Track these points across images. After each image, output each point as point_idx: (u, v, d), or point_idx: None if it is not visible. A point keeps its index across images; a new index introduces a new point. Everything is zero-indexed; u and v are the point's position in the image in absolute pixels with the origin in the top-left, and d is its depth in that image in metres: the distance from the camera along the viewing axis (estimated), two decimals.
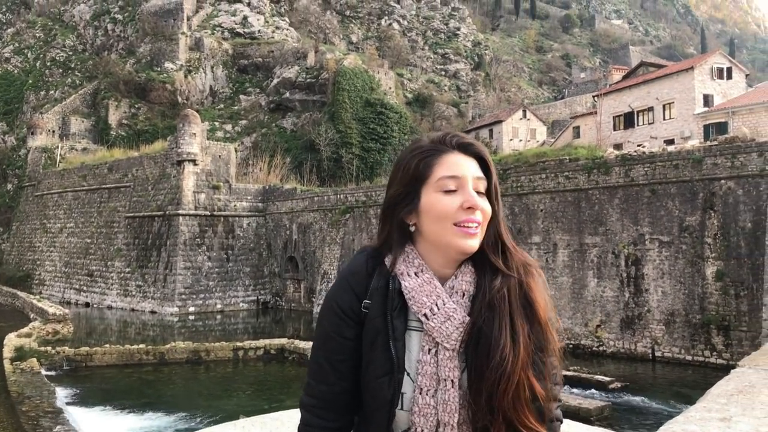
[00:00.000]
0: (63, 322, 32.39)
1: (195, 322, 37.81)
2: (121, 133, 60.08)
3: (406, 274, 1.80)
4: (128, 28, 72.62)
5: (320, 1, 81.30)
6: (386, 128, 57.13)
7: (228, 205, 43.40)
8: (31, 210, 55.34)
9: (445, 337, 1.74)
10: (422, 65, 79.48)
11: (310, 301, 40.32)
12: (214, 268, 41.89)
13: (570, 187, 27.09)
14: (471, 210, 1.75)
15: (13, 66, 74.08)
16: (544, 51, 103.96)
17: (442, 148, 1.83)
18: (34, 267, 51.92)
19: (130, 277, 43.15)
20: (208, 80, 64.71)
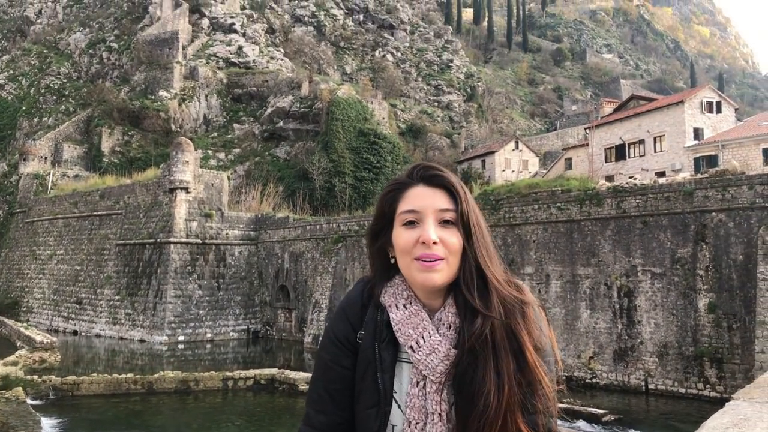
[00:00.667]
0: (50, 351, 31.91)
1: (184, 351, 37.36)
2: (113, 161, 60.06)
3: (394, 306, 1.81)
4: (123, 56, 73.12)
5: (315, 32, 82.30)
6: (379, 158, 57.41)
7: (220, 233, 43.25)
8: (21, 236, 54.95)
9: (431, 369, 1.73)
10: (415, 96, 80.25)
11: (301, 331, 39.97)
12: (205, 296, 41.56)
13: (562, 218, 27.20)
14: (426, 245, 1.74)
15: (7, 93, 74.26)
16: (536, 83, 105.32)
17: (408, 182, 1.83)
18: (22, 294, 51.35)
19: (119, 305, 42.72)
20: (202, 109, 65.01)
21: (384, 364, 1.78)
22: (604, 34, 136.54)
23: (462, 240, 1.77)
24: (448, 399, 1.72)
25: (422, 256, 1.74)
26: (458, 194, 1.79)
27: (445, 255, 1.75)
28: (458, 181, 1.82)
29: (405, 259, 1.78)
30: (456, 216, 1.77)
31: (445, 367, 1.72)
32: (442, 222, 1.77)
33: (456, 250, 1.76)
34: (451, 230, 1.77)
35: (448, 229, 1.77)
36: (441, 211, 1.77)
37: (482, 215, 1.85)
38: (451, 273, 1.76)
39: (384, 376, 1.77)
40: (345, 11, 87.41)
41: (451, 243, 1.75)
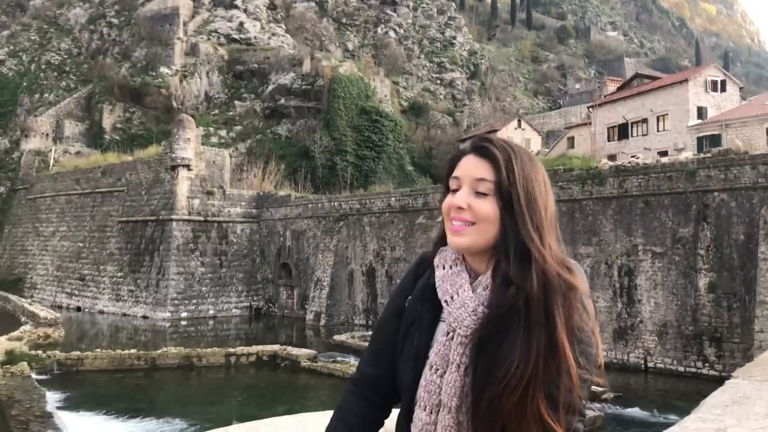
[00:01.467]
0: (54, 326, 32.16)
1: (187, 327, 37.64)
2: (115, 138, 59.95)
3: (441, 267, 1.92)
4: (124, 32, 72.57)
5: (317, 8, 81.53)
6: (381, 136, 57.22)
7: (222, 210, 43.31)
8: (24, 213, 55.07)
9: (459, 322, 1.80)
10: (418, 74, 79.75)
11: (303, 308, 40.22)
12: (207, 273, 41.75)
13: (564, 198, 27.18)
14: (455, 208, 1.83)
15: (7, 69, 73.80)
16: (539, 61, 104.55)
17: (464, 151, 1.93)
18: (25, 270, 51.62)
19: (122, 282, 42.96)
20: (204, 86, 64.70)
21: (423, 323, 1.91)
22: (608, 11, 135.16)
23: (498, 210, 1.79)
24: (470, 355, 1.79)
25: (452, 218, 1.84)
26: (499, 166, 1.81)
27: (474, 219, 1.80)
28: (508, 155, 1.84)
29: (446, 223, 1.89)
30: (492, 186, 1.81)
31: (472, 321, 1.78)
32: (477, 191, 1.82)
33: (487, 218, 1.80)
34: (486, 200, 1.81)
35: (482, 198, 1.81)
36: (476, 181, 1.82)
37: (543, 191, 1.86)
38: (481, 239, 1.81)
39: (421, 333, 1.90)
40: None
41: (479, 210, 1.80)
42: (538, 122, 70.46)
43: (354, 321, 37.06)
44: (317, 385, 22.49)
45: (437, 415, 1.81)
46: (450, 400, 1.78)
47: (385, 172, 56.20)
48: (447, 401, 1.78)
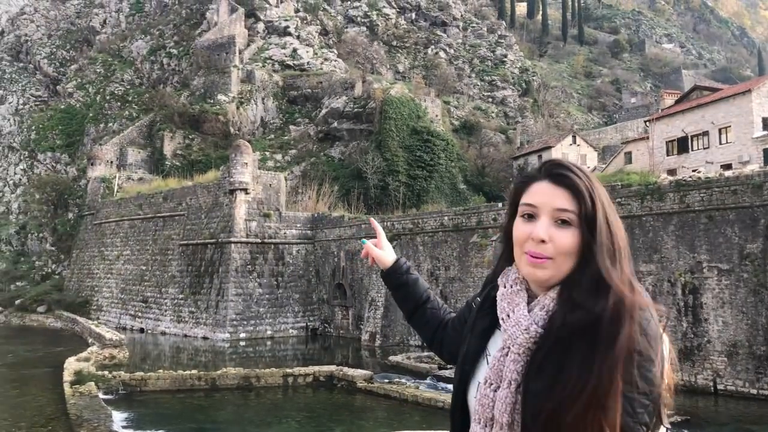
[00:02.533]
0: (119, 348, 33.21)
1: (246, 348, 38.24)
2: (175, 163, 61.91)
3: (502, 285, 1.98)
4: (183, 62, 75.27)
5: (367, 32, 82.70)
6: (433, 155, 57.26)
7: (278, 232, 44.06)
8: (90, 238, 57.30)
9: (512, 340, 1.84)
10: (469, 92, 79.67)
11: (358, 328, 40.33)
12: (265, 294, 42.43)
13: (623, 214, 26.54)
14: (535, 242, 1.81)
15: (75, 100, 77.59)
16: (593, 76, 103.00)
17: (536, 176, 1.91)
18: (92, 293, 53.57)
19: (183, 304, 44.06)
20: (259, 111, 66.29)
21: (475, 330, 2.03)
22: (663, 23, 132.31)
23: (579, 241, 1.78)
24: (523, 372, 1.80)
25: (530, 252, 1.82)
26: (582, 196, 1.79)
27: (554, 255, 1.79)
28: (587, 182, 1.82)
29: (517, 250, 1.89)
30: (575, 217, 1.79)
31: (525, 339, 1.80)
32: (558, 221, 1.80)
33: (567, 251, 1.79)
34: (567, 231, 1.79)
35: (563, 229, 1.79)
36: (558, 211, 1.80)
37: (616, 217, 1.85)
38: (558, 272, 1.81)
39: (472, 338, 2.03)
40: (397, 10, 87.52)
41: (561, 243, 1.79)
42: (594, 138, 69.22)
43: (409, 342, 36.91)
44: (374, 406, 22.45)
45: (490, 429, 1.84)
46: (501, 415, 1.80)
47: (437, 191, 56.14)
48: (499, 417, 1.80)
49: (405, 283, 2.70)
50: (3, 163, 76.51)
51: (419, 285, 2.69)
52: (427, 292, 2.69)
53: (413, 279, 2.70)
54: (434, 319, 2.60)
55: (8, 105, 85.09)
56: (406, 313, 2.71)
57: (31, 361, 32.67)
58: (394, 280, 2.73)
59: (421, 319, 2.65)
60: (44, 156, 74.42)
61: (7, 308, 55.44)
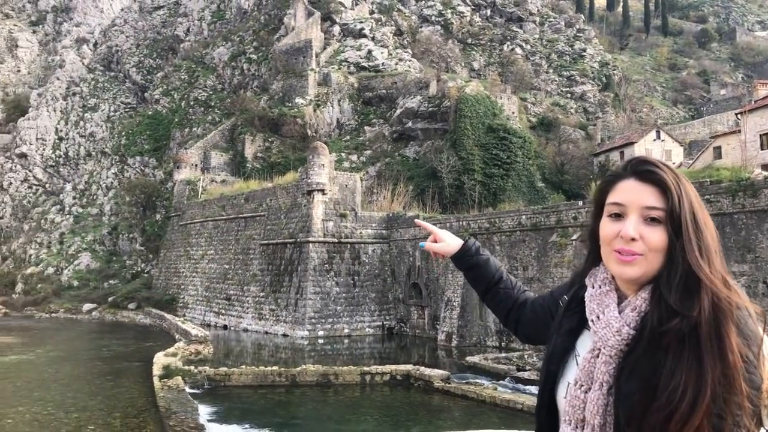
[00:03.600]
0: (204, 344, 34.53)
1: (324, 345, 38.92)
2: (256, 166, 63.74)
3: (590, 286, 1.96)
4: (262, 67, 77.40)
5: (442, 31, 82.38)
6: (509, 153, 56.40)
7: (354, 232, 44.60)
8: (177, 238, 59.84)
9: (603, 342, 1.82)
10: (546, 88, 77.98)
11: (434, 328, 40.26)
12: (342, 293, 43.06)
13: (712, 211, 25.31)
14: (625, 239, 1.79)
15: (162, 106, 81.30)
16: (678, 68, 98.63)
17: (621, 174, 1.89)
18: (178, 291, 55.93)
19: (264, 301, 45.33)
20: (335, 113, 67.29)
21: (562, 329, 2.02)
22: (756, 9, 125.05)
23: (668, 239, 1.76)
24: (614, 373, 1.78)
25: (620, 250, 1.81)
26: (670, 192, 1.78)
27: (644, 251, 1.78)
28: (674, 179, 1.80)
29: (605, 249, 1.88)
30: (664, 215, 1.77)
31: (617, 342, 1.78)
32: (647, 219, 1.79)
33: (657, 248, 1.77)
34: (656, 228, 1.78)
35: (652, 226, 1.78)
36: (647, 209, 1.79)
37: (704, 212, 1.82)
38: (649, 269, 1.79)
39: (558, 337, 2.02)
40: (472, 7, 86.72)
41: (652, 241, 1.77)
42: (679, 132, 66.28)
43: (486, 342, 36.54)
44: (451, 406, 22.36)
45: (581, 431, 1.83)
46: (593, 417, 1.78)
47: (514, 190, 55.27)
48: (590, 418, 1.79)
49: (476, 264, 2.74)
50: (96, 168, 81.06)
51: (491, 265, 2.71)
52: (500, 271, 2.70)
53: (484, 259, 2.73)
54: (508, 298, 2.61)
55: (101, 112, 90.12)
56: (479, 293, 2.75)
57: (124, 356, 34.46)
58: (465, 262, 2.79)
59: (494, 298, 2.67)
60: (133, 160, 78.35)
61: (101, 305, 58.71)
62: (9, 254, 73.09)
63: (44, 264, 67.98)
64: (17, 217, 79.49)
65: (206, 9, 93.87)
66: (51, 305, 60.66)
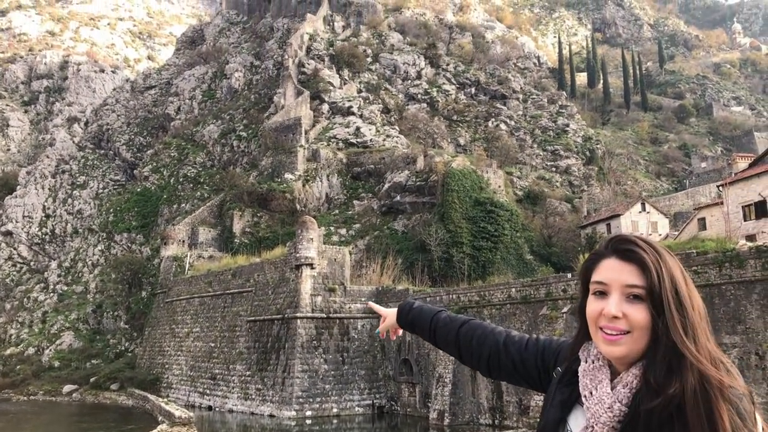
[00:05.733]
0: (188, 426, 33.34)
1: (312, 426, 37.69)
2: (244, 241, 63.60)
3: (583, 360, 1.96)
4: (252, 143, 78.59)
5: (428, 108, 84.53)
6: (497, 226, 56.77)
7: (343, 307, 44.08)
8: (162, 316, 58.84)
9: (596, 418, 1.81)
10: (531, 162, 79.44)
11: (425, 406, 39.21)
12: (330, 370, 42.08)
13: (700, 283, 25.31)
14: (607, 317, 1.82)
15: (151, 183, 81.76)
16: (659, 142, 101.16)
17: (604, 253, 1.92)
18: (163, 370, 54.48)
19: (250, 381, 44.15)
20: (324, 188, 67.90)
21: (554, 401, 2.01)
22: (731, 86, 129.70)
23: (651, 317, 1.77)
24: None
25: (605, 327, 1.84)
26: (649, 270, 1.78)
27: (629, 328, 1.79)
28: (654, 256, 1.81)
29: (592, 327, 1.91)
30: (644, 292, 1.78)
31: (608, 418, 1.77)
32: (630, 297, 1.80)
33: (641, 326, 1.78)
34: (639, 306, 1.79)
35: (635, 304, 1.79)
36: (627, 287, 1.81)
37: (690, 289, 1.82)
38: (635, 347, 1.80)
39: (550, 408, 2.00)
40: (457, 86, 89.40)
41: (635, 319, 1.78)
42: (664, 204, 67.25)
43: (479, 420, 35.56)
44: None
45: None
46: None
47: (503, 263, 55.30)
48: None
49: (412, 320, 2.75)
50: (83, 245, 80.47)
51: (424, 311, 2.71)
52: (435, 316, 2.65)
53: (417, 311, 2.74)
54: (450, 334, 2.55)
55: (89, 189, 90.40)
56: (431, 342, 2.74)
57: None
58: (405, 324, 2.80)
59: (441, 342, 2.63)
60: (121, 237, 77.98)
61: (83, 386, 56.92)
62: None
63: (25, 344, 66.28)
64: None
65: (197, 89, 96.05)
66: (30, 387, 58.69)
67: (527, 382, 2.26)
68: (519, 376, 2.27)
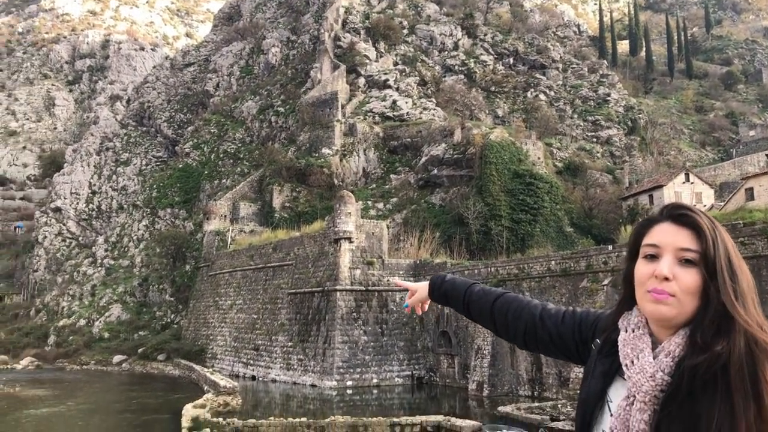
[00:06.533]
0: (232, 395, 34.30)
1: (352, 396, 38.39)
2: (283, 215, 64.39)
3: (623, 329, 1.95)
4: (289, 119, 79.02)
5: (465, 80, 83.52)
6: (536, 199, 56.21)
7: (381, 279, 44.46)
8: (206, 288, 60.24)
9: (637, 388, 1.80)
10: (572, 133, 78.07)
11: (464, 377, 39.52)
12: (370, 342, 42.66)
13: (747, 254, 24.76)
14: (659, 279, 1.81)
15: (192, 159, 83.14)
16: (704, 111, 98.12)
17: (657, 218, 1.93)
18: (207, 341, 55.97)
19: (292, 351, 45.09)
20: (361, 162, 68.06)
21: (594, 372, 2.00)
22: None
23: (702, 281, 1.77)
24: (651, 421, 1.76)
25: (653, 289, 1.82)
26: (705, 235, 1.80)
27: (676, 293, 1.79)
28: (709, 223, 1.83)
29: (640, 290, 1.89)
30: (698, 257, 1.79)
31: (651, 387, 1.77)
32: (682, 261, 1.80)
33: (690, 290, 1.78)
34: (690, 270, 1.79)
35: (686, 268, 1.79)
36: (681, 250, 1.81)
37: (739, 258, 1.84)
38: (682, 311, 1.80)
39: (592, 379, 2.00)
40: (495, 56, 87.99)
41: (685, 282, 1.78)
42: (709, 174, 65.53)
43: (519, 392, 35.71)
44: None
45: None
46: None
47: (542, 235, 54.84)
48: None
49: (445, 293, 2.78)
50: (128, 220, 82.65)
51: (457, 284, 2.73)
52: (469, 289, 2.67)
53: (449, 284, 2.77)
54: (484, 308, 2.56)
55: (133, 166, 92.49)
56: (465, 315, 2.74)
57: (153, 408, 34.38)
58: (437, 298, 2.84)
59: (475, 315, 2.64)
60: (164, 212, 79.80)
61: (131, 356, 58.97)
62: (42, 306, 74.17)
63: (76, 316, 68.80)
64: (51, 270, 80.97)
65: (235, 65, 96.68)
66: (82, 357, 61.11)
67: (565, 354, 2.27)
68: (556, 349, 2.28)
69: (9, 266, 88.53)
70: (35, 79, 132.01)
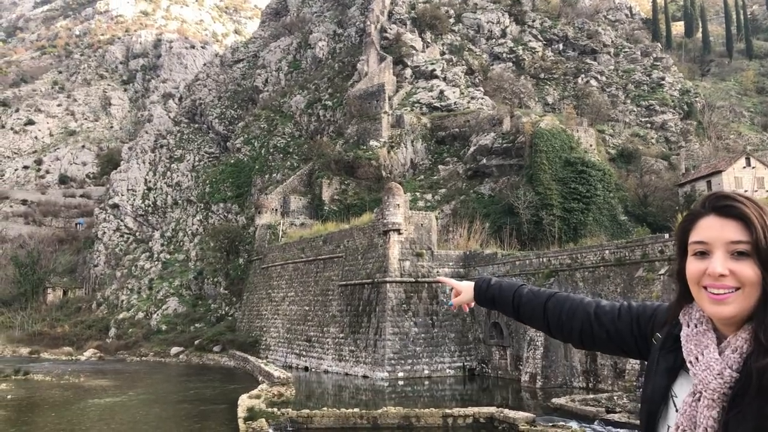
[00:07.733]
0: (286, 385, 34.86)
1: (404, 387, 38.49)
2: (333, 208, 64.92)
3: (686, 324, 1.90)
4: (337, 112, 79.50)
5: (514, 67, 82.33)
6: (589, 187, 55.06)
7: (431, 271, 44.36)
8: (259, 281, 61.33)
9: (704, 385, 1.74)
10: (625, 119, 76.12)
11: (517, 369, 39.14)
12: (420, 333, 42.67)
13: None
14: (713, 277, 1.74)
15: (243, 155, 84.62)
16: (766, 92, 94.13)
17: (700, 212, 1.84)
18: (261, 333, 57.03)
19: (343, 343, 45.51)
20: (409, 154, 67.95)
21: (658, 368, 1.95)
22: None
23: (759, 271, 1.70)
24: (719, 418, 1.70)
25: (710, 286, 1.76)
26: (753, 225, 1.72)
27: (738, 284, 1.72)
28: (756, 210, 1.74)
29: (695, 288, 1.83)
30: (750, 248, 1.71)
31: (719, 385, 1.70)
32: (735, 254, 1.73)
33: (752, 282, 1.70)
34: (746, 261, 1.72)
35: (741, 261, 1.72)
36: (732, 243, 1.74)
37: None
38: (745, 305, 1.73)
39: (655, 375, 1.95)
40: (544, 43, 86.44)
41: (745, 275, 1.71)
42: None
43: (573, 383, 35.15)
44: None
45: None
46: None
47: (595, 224, 53.71)
48: None
49: (492, 297, 2.75)
50: (183, 215, 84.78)
51: (504, 288, 2.70)
52: (518, 291, 2.65)
53: (496, 288, 2.73)
54: (536, 309, 2.54)
55: (186, 163, 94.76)
56: (513, 317, 2.73)
57: (210, 398, 35.25)
58: (483, 301, 2.81)
59: (526, 317, 2.64)
60: (217, 207, 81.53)
61: (188, 348, 60.58)
62: (103, 300, 76.93)
63: (135, 309, 71.07)
64: (110, 265, 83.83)
65: (283, 60, 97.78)
66: (141, 349, 63.14)
67: (623, 350, 2.21)
68: (614, 346, 2.23)
69: (71, 261, 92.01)
70: (92, 79, 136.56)
